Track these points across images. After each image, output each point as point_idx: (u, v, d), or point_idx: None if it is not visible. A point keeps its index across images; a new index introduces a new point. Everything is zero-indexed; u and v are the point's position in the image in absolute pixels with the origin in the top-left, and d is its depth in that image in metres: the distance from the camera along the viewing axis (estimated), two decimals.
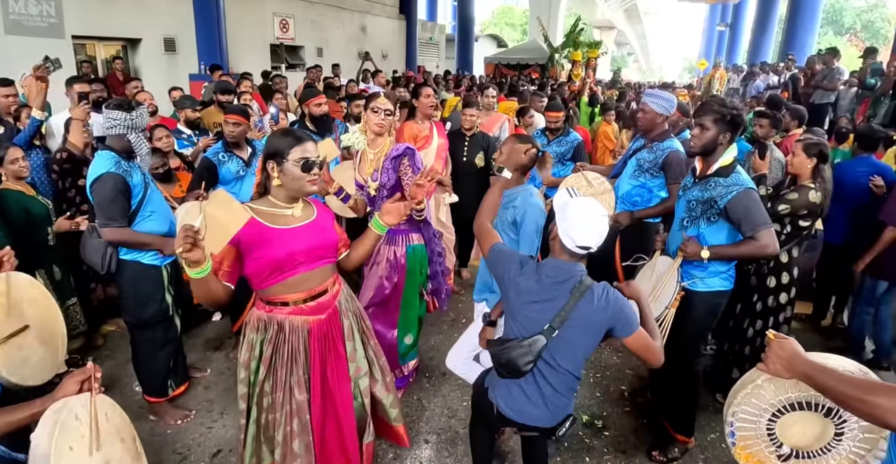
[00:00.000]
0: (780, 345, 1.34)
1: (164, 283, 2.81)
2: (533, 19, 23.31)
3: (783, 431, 1.45)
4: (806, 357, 1.31)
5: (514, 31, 41.69)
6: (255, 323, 2.00)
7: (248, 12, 11.78)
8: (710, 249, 2.39)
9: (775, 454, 1.46)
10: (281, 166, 1.87)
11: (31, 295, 2.16)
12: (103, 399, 1.49)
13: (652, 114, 3.25)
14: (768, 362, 1.35)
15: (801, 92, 9.22)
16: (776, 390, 1.42)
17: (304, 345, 2.00)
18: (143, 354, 2.92)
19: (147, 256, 2.72)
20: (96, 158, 2.62)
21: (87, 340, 3.69)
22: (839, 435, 1.40)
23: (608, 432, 3.00)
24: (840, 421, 1.38)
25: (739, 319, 3.16)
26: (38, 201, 3.12)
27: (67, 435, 1.31)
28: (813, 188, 2.88)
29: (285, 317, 1.98)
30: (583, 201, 1.86)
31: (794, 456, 1.45)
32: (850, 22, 35.92)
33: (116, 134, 2.60)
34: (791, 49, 13.06)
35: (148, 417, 3.01)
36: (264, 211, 1.91)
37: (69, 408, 1.36)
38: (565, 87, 10.88)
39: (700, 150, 2.45)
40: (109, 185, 2.52)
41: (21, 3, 7.66)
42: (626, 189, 3.40)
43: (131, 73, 9.45)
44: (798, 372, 1.30)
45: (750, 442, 1.48)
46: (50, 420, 1.32)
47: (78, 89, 3.98)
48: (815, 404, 1.40)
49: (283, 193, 1.93)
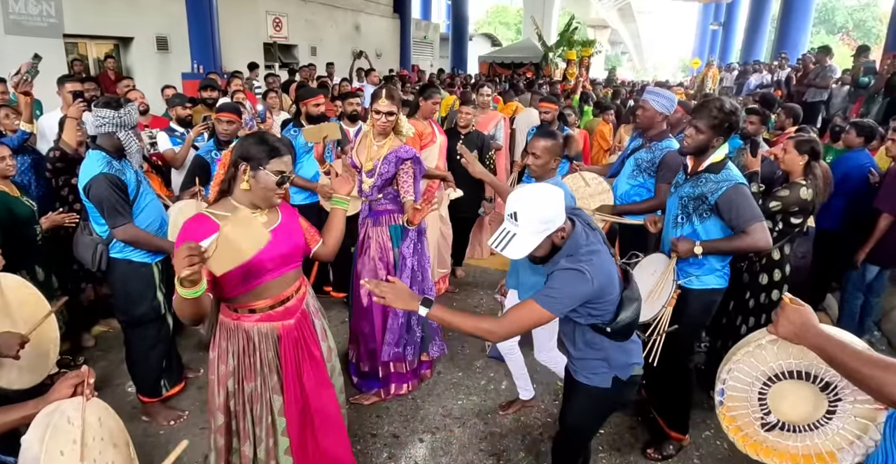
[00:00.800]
0: (794, 310, 1.29)
1: (156, 280, 2.80)
2: (527, 18, 23.30)
3: (774, 400, 1.43)
4: (819, 327, 1.27)
5: (508, 30, 41.68)
6: (226, 332, 1.94)
7: (241, 11, 11.72)
8: (702, 244, 2.38)
9: (760, 422, 1.44)
10: (255, 172, 1.79)
11: (22, 296, 2.13)
12: (97, 403, 1.47)
13: (652, 112, 3.23)
14: (779, 325, 1.30)
15: (793, 90, 9.27)
16: (778, 353, 1.39)
17: (275, 351, 1.96)
18: (136, 352, 2.91)
19: (137, 254, 2.71)
20: (87, 159, 2.61)
21: (73, 340, 3.65)
22: (830, 414, 1.39)
23: (603, 430, 2.99)
24: (835, 398, 1.37)
25: (732, 316, 3.18)
26: (22, 202, 3.09)
27: (59, 439, 1.29)
28: (804, 185, 2.89)
29: (253, 324, 1.92)
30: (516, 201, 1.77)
31: (778, 427, 1.43)
32: (843, 21, 36.12)
33: (106, 132, 2.59)
34: (784, 48, 13.13)
35: (140, 418, 2.99)
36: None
37: (62, 411, 1.34)
38: (557, 86, 10.89)
39: (692, 150, 2.46)
40: (104, 185, 2.51)
41: (21, 3, 7.63)
42: (624, 189, 3.38)
43: (123, 73, 9.39)
44: (809, 340, 1.26)
45: (738, 404, 1.46)
46: (42, 423, 1.30)
47: (70, 88, 3.96)
48: (813, 376, 1.37)
49: (247, 199, 1.84)
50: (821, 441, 1.40)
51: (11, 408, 1.43)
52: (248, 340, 1.92)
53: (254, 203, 1.85)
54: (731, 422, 1.48)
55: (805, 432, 1.42)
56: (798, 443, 1.43)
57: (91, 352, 3.71)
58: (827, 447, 1.40)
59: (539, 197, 1.73)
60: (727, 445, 2.85)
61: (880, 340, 4.08)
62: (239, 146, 1.83)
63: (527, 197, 1.73)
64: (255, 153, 1.78)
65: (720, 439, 2.91)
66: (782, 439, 1.44)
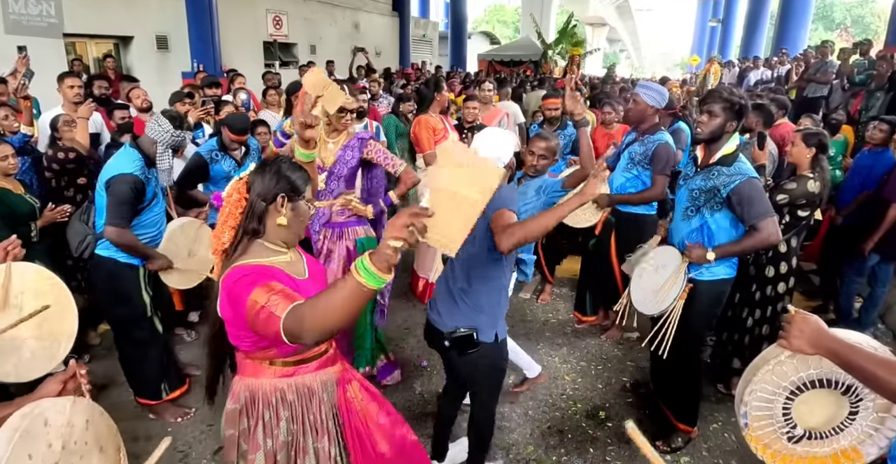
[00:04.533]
0: (803, 320, 1.30)
1: (141, 282, 2.78)
2: (525, 16, 23.27)
3: (798, 412, 1.44)
4: (831, 333, 1.27)
5: (506, 29, 41.67)
6: (269, 397, 1.60)
7: (240, 9, 11.69)
8: (714, 251, 2.39)
9: (786, 436, 1.45)
10: (295, 204, 1.54)
11: (41, 287, 2.06)
12: (86, 404, 1.39)
13: (643, 105, 3.27)
14: (790, 338, 1.31)
15: (793, 86, 9.25)
16: (798, 366, 1.39)
17: (334, 400, 1.68)
18: (129, 356, 2.90)
19: (124, 255, 2.69)
20: (123, 153, 2.64)
21: (78, 338, 3.60)
22: (853, 415, 1.39)
23: (611, 422, 3.00)
24: (856, 399, 1.37)
25: (738, 309, 3.17)
26: (24, 199, 3.08)
27: (29, 442, 1.21)
28: (812, 178, 2.88)
29: (314, 375, 1.63)
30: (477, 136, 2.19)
31: (805, 437, 1.44)
32: (841, 17, 36.14)
33: (151, 137, 2.65)
34: (783, 44, 13.11)
35: (147, 415, 2.98)
36: (280, 261, 1.54)
37: (38, 412, 1.26)
38: (556, 83, 10.88)
39: (707, 136, 2.45)
40: (130, 186, 2.55)
41: (21, 3, 7.60)
42: (620, 181, 3.45)
43: (123, 72, 9.37)
44: (823, 348, 1.26)
45: (763, 423, 1.46)
46: (13, 425, 1.21)
47: (69, 83, 3.96)
48: (834, 382, 1.37)
49: (283, 235, 1.56)
50: (846, 442, 1.40)
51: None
52: (312, 396, 1.62)
53: (288, 240, 1.59)
54: (757, 441, 1.48)
55: (832, 437, 1.42)
56: (826, 448, 1.43)
57: (96, 350, 3.70)
58: (850, 443, 1.41)
59: (497, 137, 2.18)
60: (735, 437, 2.85)
61: (886, 332, 4.08)
62: (274, 175, 1.51)
63: (488, 134, 2.19)
64: (293, 183, 1.52)
65: (728, 432, 2.91)
66: (810, 447, 1.44)
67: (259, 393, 1.60)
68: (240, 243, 1.52)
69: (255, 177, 1.51)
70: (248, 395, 1.61)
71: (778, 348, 1.40)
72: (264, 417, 1.60)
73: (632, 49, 48.23)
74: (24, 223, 3.06)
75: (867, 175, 3.82)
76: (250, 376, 1.62)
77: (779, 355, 1.40)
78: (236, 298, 1.40)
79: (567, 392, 3.27)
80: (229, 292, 1.43)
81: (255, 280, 1.40)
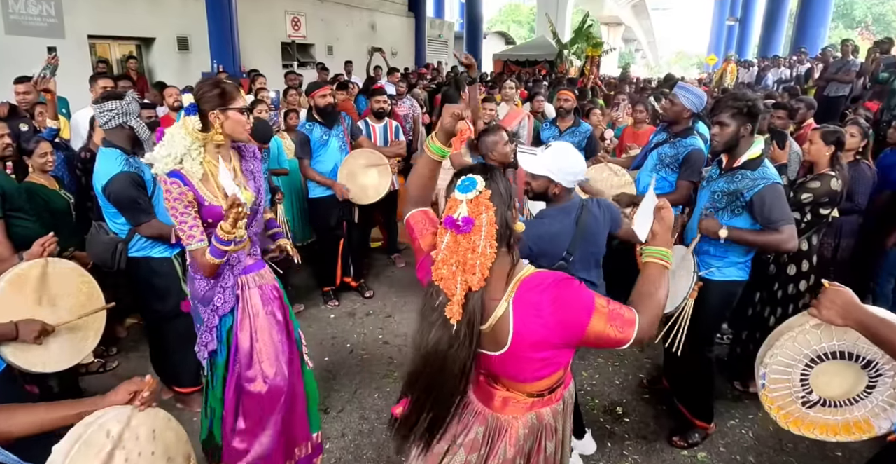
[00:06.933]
0: (836, 292, 1.33)
1: (178, 273, 2.83)
2: (540, 16, 23.22)
3: (816, 380, 1.47)
4: (863, 306, 1.30)
5: (521, 29, 41.56)
6: (510, 430, 1.50)
7: (259, 11, 11.85)
8: (728, 229, 2.38)
9: (801, 400, 1.48)
10: None
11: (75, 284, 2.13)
12: (155, 414, 1.38)
13: (680, 107, 3.23)
14: (822, 308, 1.33)
15: (813, 85, 9.15)
16: (822, 335, 1.42)
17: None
18: (173, 346, 2.95)
19: (156, 250, 2.75)
20: (101, 157, 2.58)
21: (106, 331, 3.70)
22: (870, 388, 1.42)
23: (628, 418, 3.02)
24: (876, 374, 1.41)
25: (760, 306, 3.18)
26: (59, 194, 3.18)
27: (87, 453, 1.19)
28: (834, 176, 2.89)
29: (549, 407, 1.53)
30: (556, 145, 2.17)
31: (819, 404, 1.47)
32: (862, 15, 35.52)
33: (116, 125, 2.56)
34: (802, 43, 12.92)
35: (175, 405, 3.06)
36: None
37: (101, 423, 1.25)
38: (576, 83, 10.87)
39: (724, 147, 2.46)
40: (126, 183, 2.52)
41: (21, 3, 7.66)
42: (646, 182, 3.40)
43: (145, 73, 9.56)
44: (853, 319, 1.29)
45: (779, 386, 1.50)
46: (74, 435, 1.21)
47: (102, 84, 4.06)
48: (856, 356, 1.41)
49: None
50: (860, 413, 1.44)
51: (54, 406, 1.31)
52: (548, 433, 1.53)
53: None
54: (772, 402, 1.52)
55: (845, 406, 1.46)
56: (838, 416, 1.46)
57: (124, 343, 3.80)
58: (864, 415, 1.44)
59: (568, 153, 2.17)
60: (753, 434, 2.85)
61: None
62: (504, 180, 1.38)
63: (562, 147, 2.18)
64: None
65: (745, 428, 2.92)
66: (823, 414, 1.48)
67: (517, 424, 1.51)
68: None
69: (491, 186, 1.32)
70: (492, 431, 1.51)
71: (805, 317, 1.43)
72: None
73: (647, 48, 47.91)
74: (59, 219, 3.16)
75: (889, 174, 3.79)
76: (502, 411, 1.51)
77: (804, 324, 1.44)
78: (569, 307, 1.30)
79: (584, 388, 3.30)
80: (555, 301, 1.30)
81: (576, 284, 1.33)
